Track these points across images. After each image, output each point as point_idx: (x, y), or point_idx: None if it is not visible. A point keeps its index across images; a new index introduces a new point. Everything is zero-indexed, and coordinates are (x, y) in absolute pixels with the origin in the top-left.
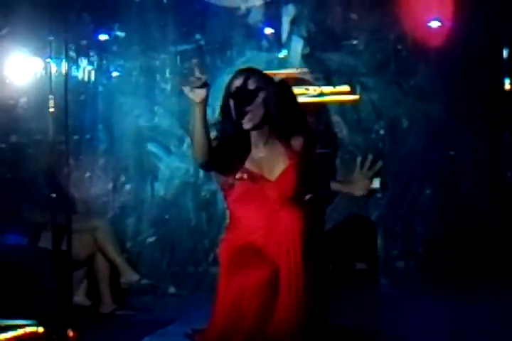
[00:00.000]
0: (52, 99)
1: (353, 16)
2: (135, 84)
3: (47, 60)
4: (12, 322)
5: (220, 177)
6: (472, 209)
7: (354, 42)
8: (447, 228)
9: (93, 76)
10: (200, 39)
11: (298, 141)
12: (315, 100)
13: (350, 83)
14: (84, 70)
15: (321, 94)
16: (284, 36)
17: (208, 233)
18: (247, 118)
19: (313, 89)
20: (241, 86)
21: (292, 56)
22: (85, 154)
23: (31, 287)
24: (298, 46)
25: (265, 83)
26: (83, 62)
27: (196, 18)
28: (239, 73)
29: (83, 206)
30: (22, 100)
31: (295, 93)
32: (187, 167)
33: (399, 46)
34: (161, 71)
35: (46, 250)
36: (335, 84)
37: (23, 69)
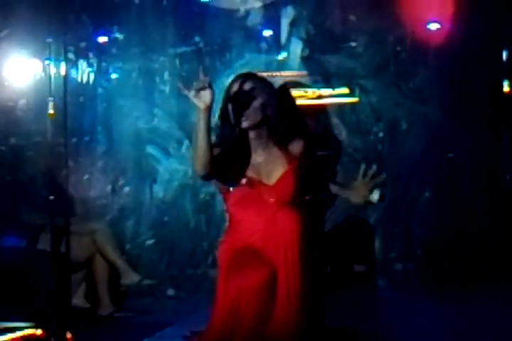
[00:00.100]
0: (51, 101)
1: (352, 18)
2: (134, 86)
3: (46, 62)
4: (11, 324)
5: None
6: (471, 211)
7: (353, 44)
8: (446, 230)
9: (92, 78)
10: (199, 41)
11: (298, 145)
12: (314, 102)
13: (349, 85)
14: (83, 72)
15: (320, 97)
16: (283, 38)
17: (207, 235)
18: (244, 119)
19: (312, 91)
20: (239, 90)
21: (291, 58)
22: (84, 156)
23: (30, 289)
24: (297, 48)
25: (264, 87)
26: (82, 64)
27: (195, 20)
28: (238, 77)
29: (82, 208)
30: (21, 102)
31: (294, 96)
32: (186, 169)
33: (398, 48)
34: (160, 73)
35: (45, 252)
36: (334, 86)
37: (22, 71)
